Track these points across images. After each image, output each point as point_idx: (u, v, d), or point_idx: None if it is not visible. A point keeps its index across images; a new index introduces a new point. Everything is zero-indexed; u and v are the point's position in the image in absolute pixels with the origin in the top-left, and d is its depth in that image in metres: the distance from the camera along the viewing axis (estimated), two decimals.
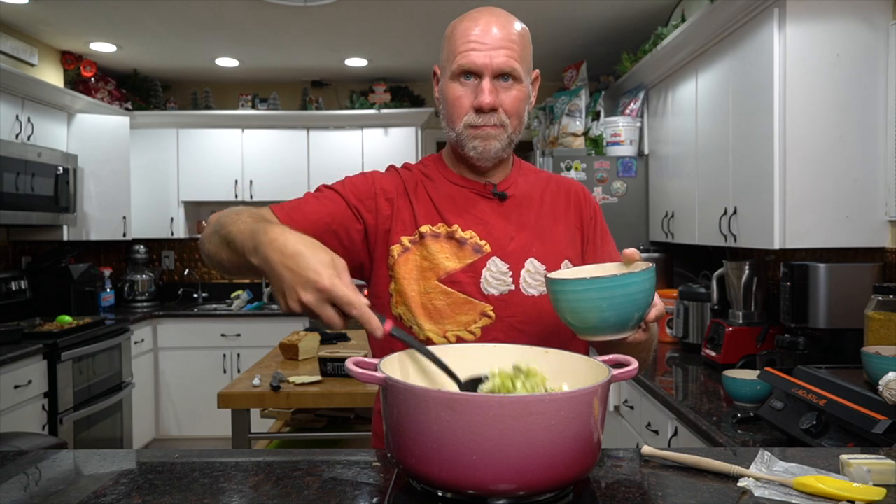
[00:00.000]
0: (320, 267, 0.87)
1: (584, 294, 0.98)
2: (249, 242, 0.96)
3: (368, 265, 1.25)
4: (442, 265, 1.20)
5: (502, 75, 1.17)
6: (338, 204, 1.21)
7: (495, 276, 1.20)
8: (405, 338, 0.96)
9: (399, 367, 0.97)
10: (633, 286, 0.97)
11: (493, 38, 1.16)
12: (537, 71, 1.26)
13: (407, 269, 1.20)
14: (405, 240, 1.22)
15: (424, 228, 1.22)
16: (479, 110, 1.17)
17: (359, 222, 1.22)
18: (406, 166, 1.32)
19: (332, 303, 0.88)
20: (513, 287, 1.20)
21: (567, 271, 1.12)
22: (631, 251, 1.04)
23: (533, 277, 1.21)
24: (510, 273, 1.20)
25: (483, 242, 1.21)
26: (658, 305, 1.03)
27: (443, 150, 1.33)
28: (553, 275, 1.06)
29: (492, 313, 1.19)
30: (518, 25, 1.20)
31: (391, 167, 1.32)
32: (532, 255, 1.22)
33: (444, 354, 1.03)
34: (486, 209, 1.24)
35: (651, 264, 1.02)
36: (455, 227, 1.22)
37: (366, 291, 1.22)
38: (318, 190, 1.26)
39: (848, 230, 2.22)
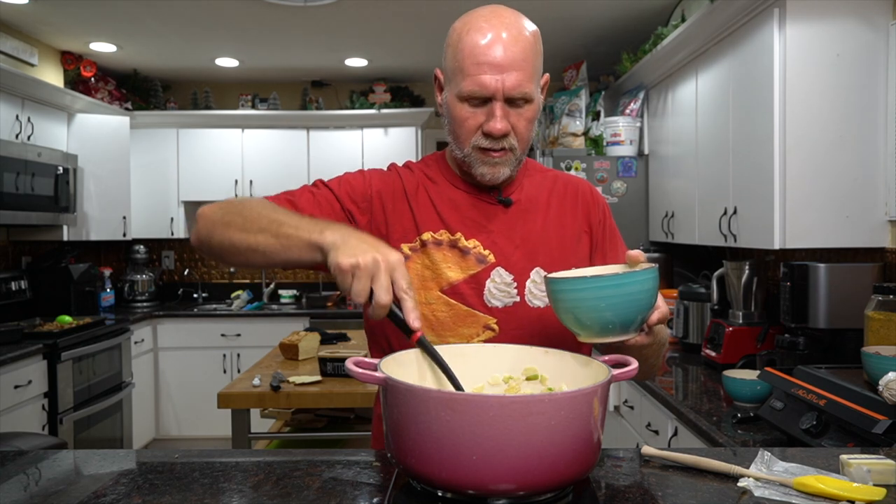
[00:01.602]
0: (394, 250, 0.95)
1: (583, 294, 0.95)
2: (314, 226, 1.00)
3: None
4: (444, 275, 1.16)
5: (514, 99, 1.10)
6: (332, 204, 1.18)
7: (499, 287, 1.16)
8: (430, 349, 0.97)
9: (399, 367, 0.97)
10: (634, 286, 0.95)
11: (503, 56, 1.07)
12: (546, 76, 1.18)
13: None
14: (405, 247, 1.18)
15: (426, 236, 1.18)
16: (488, 135, 1.11)
17: (351, 225, 1.18)
18: (408, 165, 1.27)
19: (390, 277, 0.92)
20: (517, 299, 1.17)
21: (567, 272, 1.08)
22: (636, 253, 1.01)
23: (538, 288, 1.17)
24: (515, 284, 1.17)
25: (487, 252, 1.17)
26: (661, 308, 1.00)
27: (445, 149, 1.27)
28: (552, 275, 1.04)
29: (495, 326, 1.16)
30: (528, 30, 1.12)
31: (392, 166, 1.27)
32: (538, 265, 1.18)
33: (443, 353, 1.04)
34: (491, 216, 1.19)
35: (654, 265, 0.99)
36: (458, 234, 1.17)
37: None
38: (314, 185, 1.22)
39: (848, 230, 2.21)
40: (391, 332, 1.19)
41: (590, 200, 1.28)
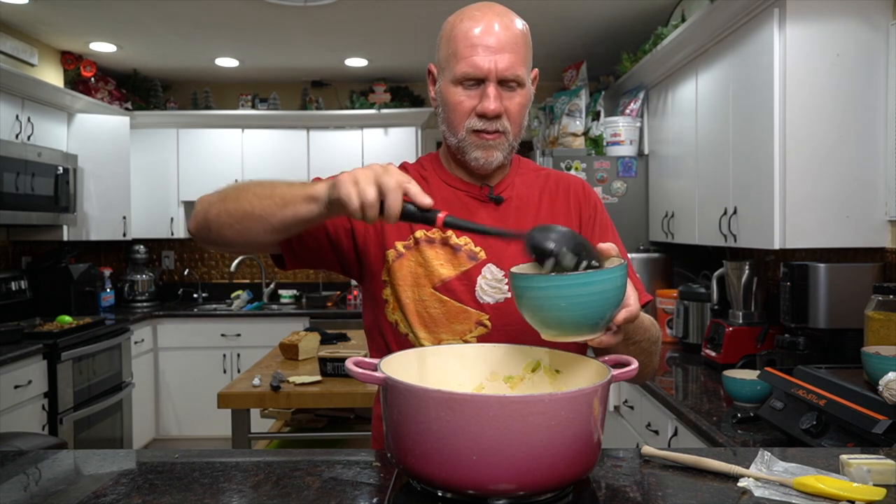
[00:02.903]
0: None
1: (544, 292, 0.91)
2: (306, 184, 1.02)
3: (357, 268, 1.23)
4: (437, 272, 1.17)
5: (506, 81, 1.12)
6: None
7: (490, 283, 1.17)
8: (460, 224, 0.98)
9: (399, 367, 0.97)
10: (594, 286, 0.89)
11: (496, 40, 1.11)
12: (536, 70, 1.22)
13: (402, 276, 1.18)
14: (399, 245, 1.19)
15: (419, 234, 1.19)
16: (482, 116, 1.13)
17: (347, 221, 1.20)
18: (403, 166, 1.28)
19: (392, 176, 0.93)
20: (508, 295, 1.17)
21: (530, 265, 1.03)
22: (606, 246, 0.97)
23: None
24: (506, 281, 1.17)
25: (478, 249, 1.18)
26: (630, 307, 0.95)
27: (440, 149, 1.29)
28: (515, 269, 1.00)
29: (487, 322, 1.16)
30: (519, 24, 1.16)
31: None
32: (529, 261, 1.20)
33: (443, 353, 1.04)
34: (482, 214, 1.21)
35: (622, 261, 0.94)
36: (449, 232, 1.18)
37: (355, 292, 1.20)
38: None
39: (848, 230, 2.21)
40: (389, 333, 1.20)
41: (581, 196, 1.29)
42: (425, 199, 0.94)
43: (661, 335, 1.22)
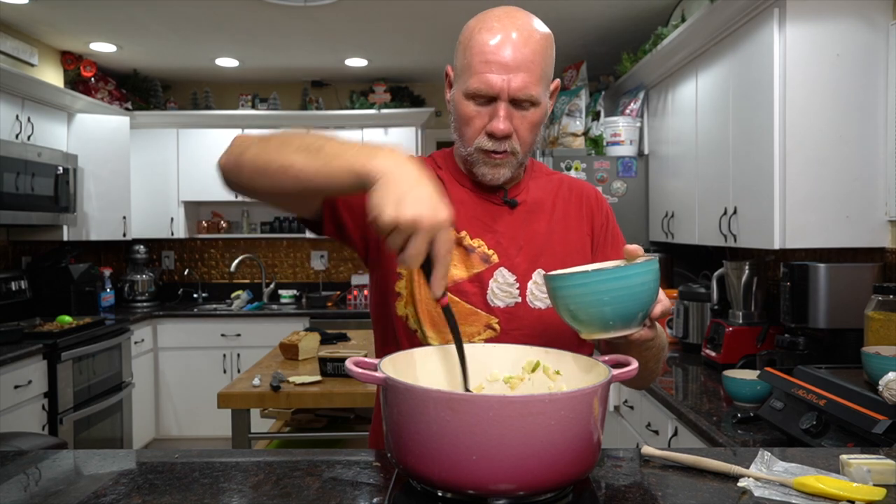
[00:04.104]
0: (446, 206, 0.89)
1: (584, 289, 0.94)
2: (362, 151, 0.93)
3: (376, 251, 1.20)
4: (450, 273, 1.15)
5: (519, 101, 1.10)
6: None
7: (502, 287, 1.17)
8: (451, 321, 0.96)
9: (399, 367, 0.97)
10: (634, 278, 0.94)
11: (512, 57, 1.07)
12: (557, 81, 1.19)
13: (416, 271, 1.16)
14: None
15: None
16: (491, 135, 1.11)
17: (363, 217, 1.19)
18: (421, 160, 1.25)
19: (428, 241, 0.87)
20: (519, 299, 1.17)
21: (567, 269, 1.08)
22: (633, 247, 1.01)
23: (539, 289, 1.18)
24: (517, 285, 1.17)
25: (491, 252, 1.18)
26: (664, 301, 1.00)
27: (453, 147, 1.27)
28: (551, 272, 1.03)
29: (497, 326, 1.16)
30: (539, 33, 1.11)
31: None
32: (540, 266, 1.19)
33: (444, 355, 1.04)
34: (496, 217, 1.20)
35: (654, 257, 0.98)
36: (463, 233, 1.18)
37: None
38: None
39: (848, 230, 2.21)
40: (399, 326, 1.19)
41: (594, 204, 1.29)
42: (437, 290, 0.92)
43: (667, 341, 1.22)
